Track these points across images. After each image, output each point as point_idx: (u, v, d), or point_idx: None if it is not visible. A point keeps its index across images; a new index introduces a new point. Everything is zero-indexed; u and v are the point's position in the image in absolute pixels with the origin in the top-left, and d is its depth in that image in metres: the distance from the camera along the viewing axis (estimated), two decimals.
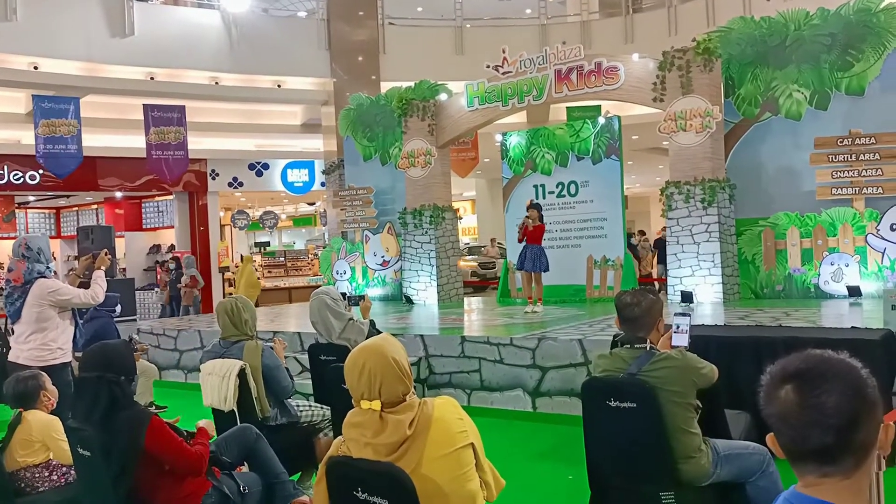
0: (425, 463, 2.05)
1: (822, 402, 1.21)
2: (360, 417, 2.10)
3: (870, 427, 1.23)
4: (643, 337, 3.11)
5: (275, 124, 17.84)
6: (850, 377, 1.24)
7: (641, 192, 28.03)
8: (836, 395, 1.21)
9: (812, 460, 1.24)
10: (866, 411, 1.22)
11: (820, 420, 1.21)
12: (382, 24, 16.98)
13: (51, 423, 3.65)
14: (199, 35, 15.65)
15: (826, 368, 1.26)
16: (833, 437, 1.21)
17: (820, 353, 1.30)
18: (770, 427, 1.27)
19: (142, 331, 9.68)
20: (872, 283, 8.36)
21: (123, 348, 3.16)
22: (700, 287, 8.99)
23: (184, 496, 2.99)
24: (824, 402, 1.21)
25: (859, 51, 8.71)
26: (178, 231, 17.95)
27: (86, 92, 14.52)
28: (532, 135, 11.49)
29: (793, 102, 9.14)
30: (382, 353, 2.12)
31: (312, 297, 5.04)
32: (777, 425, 1.27)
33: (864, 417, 1.22)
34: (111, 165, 16.45)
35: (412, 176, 11.70)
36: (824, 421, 1.21)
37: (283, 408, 4.23)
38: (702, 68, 9.09)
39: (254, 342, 4.21)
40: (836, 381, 1.23)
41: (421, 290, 11.56)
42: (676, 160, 9.30)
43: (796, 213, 8.97)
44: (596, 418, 3.12)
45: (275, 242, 29.93)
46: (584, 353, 6.20)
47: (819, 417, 1.21)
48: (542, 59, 10.30)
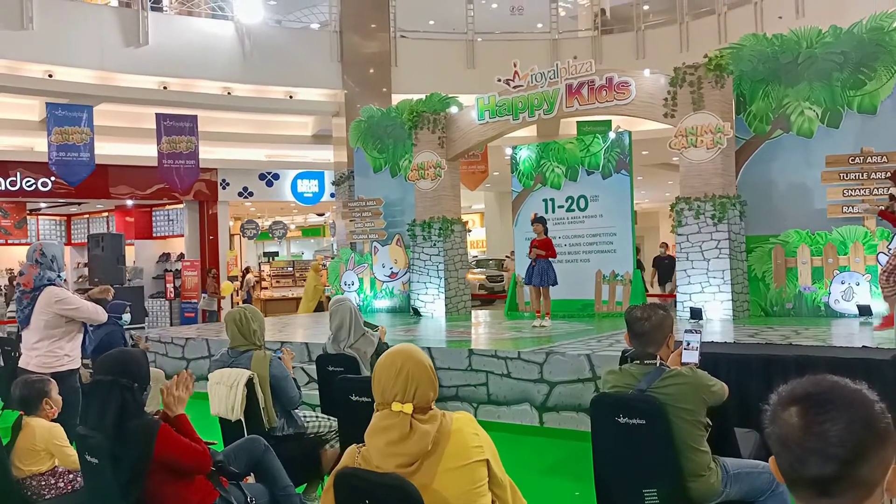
0: (438, 477, 2.04)
1: (826, 429, 1.14)
2: (388, 421, 2.10)
3: (876, 463, 1.14)
4: (653, 353, 3.09)
5: (286, 135, 17.94)
6: (860, 407, 1.16)
7: (651, 208, 27.99)
8: (842, 424, 1.14)
9: (809, 489, 1.16)
10: (874, 445, 1.14)
11: (822, 448, 1.13)
12: (394, 36, 17.07)
13: (52, 430, 3.65)
14: (212, 46, 15.77)
15: (836, 395, 1.18)
16: (833, 467, 1.13)
17: (833, 378, 1.22)
18: (770, 448, 1.21)
19: (150, 338, 9.70)
20: (883, 302, 8.29)
21: (141, 357, 3.17)
22: (709, 304, 8.94)
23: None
24: (828, 429, 1.14)
25: (871, 69, 8.70)
26: (188, 240, 18.02)
27: (99, 100, 14.64)
28: (542, 149, 11.50)
29: (804, 120, 9.12)
30: (419, 357, 2.17)
31: (342, 300, 5.06)
32: (777, 448, 1.20)
33: (871, 452, 1.13)
34: (123, 173, 16.55)
35: (422, 188, 11.72)
36: (826, 450, 1.13)
37: (289, 418, 4.22)
38: (713, 84, 9.08)
39: (262, 352, 4.22)
40: (845, 409, 1.15)
41: (429, 303, 11.55)
42: (687, 176, 9.29)
43: (807, 231, 8.93)
44: (604, 434, 3.09)
45: (283, 253, 30.01)
46: (593, 368, 6.17)
47: (821, 445, 1.14)
48: (553, 73, 10.32)
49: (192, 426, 3.18)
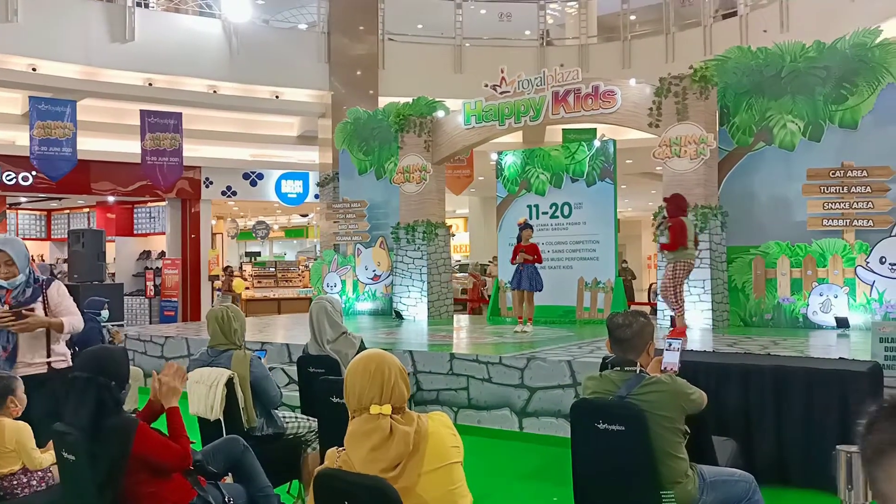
0: (420, 479, 2.05)
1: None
2: (369, 425, 2.10)
3: None
4: (633, 360, 3.12)
5: (271, 135, 17.86)
6: None
7: (634, 217, 28.15)
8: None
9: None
10: None
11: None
12: (382, 39, 17.06)
13: (20, 430, 3.60)
14: (199, 43, 15.68)
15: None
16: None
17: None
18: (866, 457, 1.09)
19: (129, 336, 9.62)
20: (860, 315, 8.40)
21: (121, 355, 3.14)
22: (689, 313, 8.99)
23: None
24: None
25: (854, 85, 8.81)
26: (169, 238, 17.90)
27: (83, 95, 14.51)
28: (527, 155, 11.56)
29: (787, 133, 9.22)
30: (390, 359, 2.19)
31: (315, 301, 5.06)
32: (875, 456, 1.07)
33: None
34: (105, 169, 16.42)
35: (406, 191, 11.72)
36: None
37: (269, 418, 4.21)
38: (698, 95, 9.17)
39: (242, 352, 4.20)
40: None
41: (411, 306, 11.54)
42: (670, 186, 9.35)
43: (787, 243, 9.02)
44: (584, 440, 3.11)
45: (266, 253, 29.86)
46: (573, 374, 6.19)
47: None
48: (540, 80, 10.37)
49: (183, 420, 3.16)
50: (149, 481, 2.92)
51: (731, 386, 4.85)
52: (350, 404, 2.17)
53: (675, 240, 7.90)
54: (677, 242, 7.91)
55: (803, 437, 4.64)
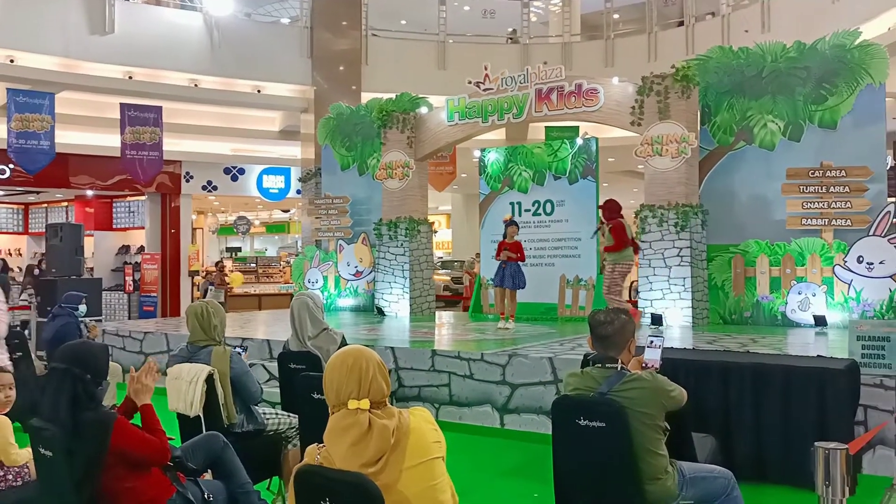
0: (401, 475, 2.04)
1: None
2: (347, 420, 2.10)
3: None
4: (614, 357, 3.13)
5: (253, 129, 17.74)
6: None
7: None
8: None
9: None
10: None
11: None
12: (366, 34, 17.01)
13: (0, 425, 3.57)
14: (180, 36, 15.55)
15: None
16: None
17: None
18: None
19: (107, 332, 9.53)
20: (838, 313, 8.49)
21: (99, 350, 3.11)
22: (670, 310, 9.07)
23: (147, 500, 2.94)
24: None
25: (833, 85, 8.90)
26: (149, 232, 17.75)
27: (62, 88, 14.34)
28: (510, 152, 11.57)
29: (767, 132, 9.30)
30: (369, 354, 2.19)
31: (296, 297, 5.03)
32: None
33: None
34: (84, 163, 16.24)
35: (389, 187, 11.69)
36: None
37: (249, 414, 4.19)
38: (679, 95, 9.21)
39: (222, 347, 4.17)
40: None
41: (393, 303, 11.52)
42: (651, 184, 9.40)
43: (766, 242, 9.10)
44: (565, 436, 3.12)
45: (247, 248, 29.70)
46: (554, 371, 6.21)
47: None
48: (523, 77, 10.37)
49: (157, 417, 3.14)
50: (127, 476, 2.90)
51: (710, 383, 4.89)
52: (329, 399, 2.17)
53: (620, 239, 8.48)
54: (622, 242, 8.52)
55: (782, 433, 4.69)
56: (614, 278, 8.68)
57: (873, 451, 4.92)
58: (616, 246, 8.50)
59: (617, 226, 8.59)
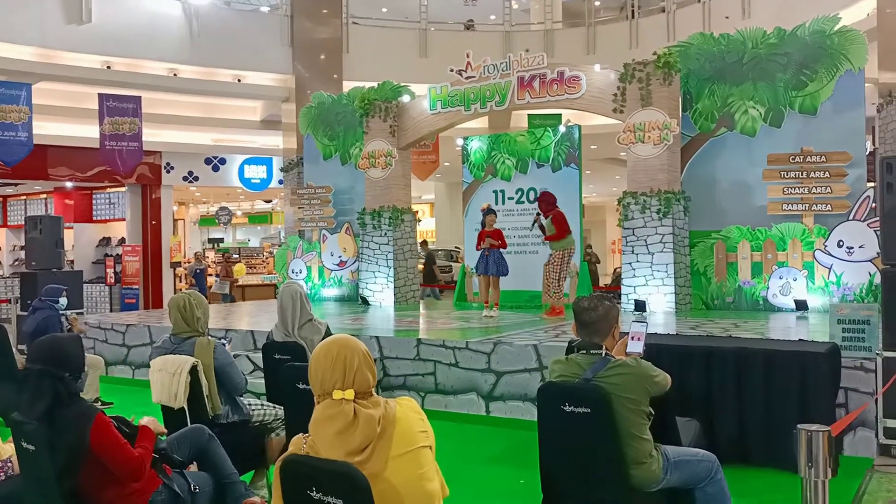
0: (388, 464, 2.05)
1: None
2: (332, 410, 2.09)
3: None
4: (599, 343, 3.14)
5: (233, 119, 17.59)
6: None
7: (598, 202, 28.39)
8: None
9: None
10: None
11: None
12: (346, 22, 16.88)
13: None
14: (158, 25, 15.35)
15: None
16: None
17: None
18: None
19: (89, 324, 9.45)
20: (818, 297, 8.58)
21: (72, 345, 3.06)
22: (653, 296, 9.12)
23: (131, 492, 2.92)
24: None
25: (813, 71, 8.95)
26: (130, 224, 17.60)
27: (39, 78, 14.12)
28: (493, 140, 11.56)
29: (748, 119, 9.35)
30: (354, 343, 2.18)
31: (285, 286, 5.02)
32: None
33: None
34: (62, 155, 16.05)
35: (372, 177, 11.65)
36: None
37: (234, 405, 4.18)
38: (661, 82, 9.23)
39: (206, 339, 4.15)
40: None
41: (377, 292, 11.51)
42: (634, 171, 9.43)
43: (748, 227, 9.16)
44: (550, 423, 3.13)
45: (229, 239, 29.53)
46: (539, 358, 6.24)
47: None
48: (505, 65, 10.35)
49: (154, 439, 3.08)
50: (110, 471, 2.87)
51: (693, 368, 4.93)
52: (314, 389, 2.16)
53: (562, 228, 8.92)
54: (564, 230, 8.95)
55: (764, 416, 4.74)
56: (563, 264, 9.06)
57: (854, 433, 4.99)
58: (559, 234, 8.92)
59: (557, 215, 8.99)
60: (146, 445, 3.02)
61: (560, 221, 8.98)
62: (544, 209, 9.13)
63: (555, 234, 8.93)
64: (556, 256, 8.98)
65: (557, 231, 8.93)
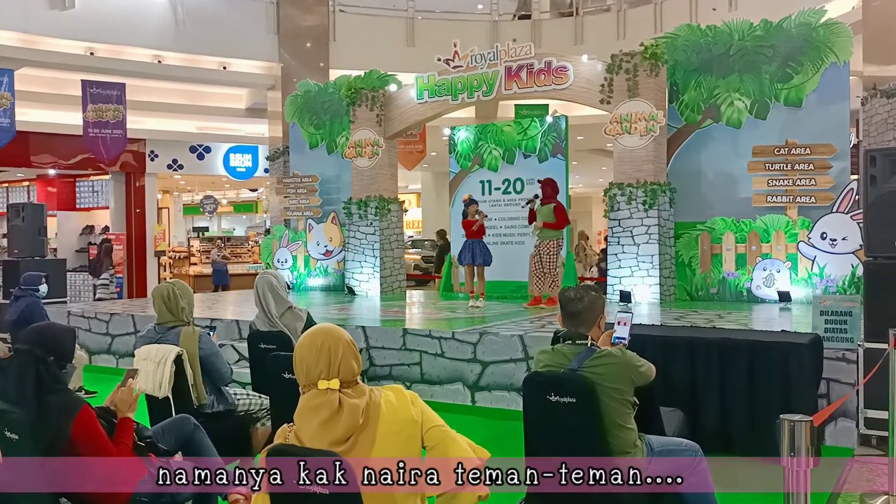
0: (373, 452, 2.05)
1: None
2: (317, 400, 2.09)
3: None
4: (584, 333, 3.16)
5: (218, 107, 17.45)
6: None
7: (584, 193, 28.43)
8: None
9: None
10: None
11: None
12: (333, 10, 16.76)
13: None
14: (142, 11, 15.17)
15: None
16: None
17: None
18: None
19: (72, 313, 9.38)
20: (802, 289, 8.65)
21: (64, 332, 3.05)
22: (638, 287, 9.16)
23: (117, 481, 2.90)
24: None
25: (799, 63, 8.99)
26: (114, 212, 17.47)
27: (21, 64, 13.95)
28: (480, 130, 11.54)
29: (734, 111, 9.38)
30: (338, 333, 2.18)
31: (259, 276, 4.99)
32: None
33: None
34: (45, 142, 15.88)
35: (359, 166, 11.61)
36: None
37: (220, 395, 4.16)
38: (648, 73, 9.25)
39: (190, 328, 4.13)
40: None
41: (363, 282, 11.49)
42: (620, 162, 9.46)
43: (732, 219, 9.22)
44: (535, 412, 3.15)
45: (214, 228, 29.35)
46: (525, 348, 6.26)
47: None
48: (493, 55, 10.33)
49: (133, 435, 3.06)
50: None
51: (678, 358, 4.96)
52: (299, 379, 2.16)
53: (562, 218, 8.92)
54: (565, 221, 8.98)
55: (747, 406, 4.78)
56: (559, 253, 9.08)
57: (835, 423, 5.04)
58: (558, 224, 8.89)
59: (560, 206, 8.97)
60: (125, 441, 3.00)
61: (562, 213, 8.92)
62: (548, 193, 9.02)
63: (554, 223, 8.84)
64: (545, 246, 8.94)
65: (558, 220, 8.84)
